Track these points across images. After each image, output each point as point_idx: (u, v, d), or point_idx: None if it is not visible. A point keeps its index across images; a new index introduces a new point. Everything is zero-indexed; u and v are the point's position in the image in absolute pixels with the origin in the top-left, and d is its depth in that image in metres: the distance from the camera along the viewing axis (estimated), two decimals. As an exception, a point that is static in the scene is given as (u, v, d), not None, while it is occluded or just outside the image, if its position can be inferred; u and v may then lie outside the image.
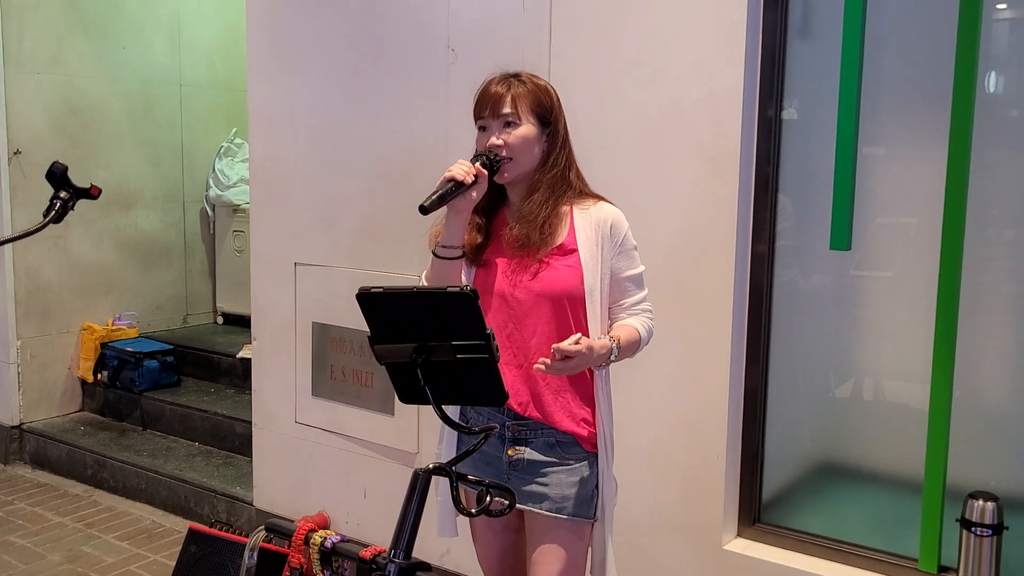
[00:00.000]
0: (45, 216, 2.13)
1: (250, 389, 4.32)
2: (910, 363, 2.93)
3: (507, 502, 1.82)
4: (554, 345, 1.96)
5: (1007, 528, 2.56)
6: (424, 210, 2.02)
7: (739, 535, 3.10)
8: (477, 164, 2.09)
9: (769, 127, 2.97)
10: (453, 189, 2.05)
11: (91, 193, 2.18)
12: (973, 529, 2.55)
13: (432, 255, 2.19)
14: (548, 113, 2.19)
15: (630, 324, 2.19)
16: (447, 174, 2.06)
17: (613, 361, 2.11)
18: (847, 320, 3.07)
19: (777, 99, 2.97)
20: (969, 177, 2.65)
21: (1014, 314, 2.82)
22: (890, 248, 2.97)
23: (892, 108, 2.93)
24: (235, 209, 6.02)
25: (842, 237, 2.79)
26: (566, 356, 1.96)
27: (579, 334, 2.01)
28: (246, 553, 2.10)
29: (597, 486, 2.22)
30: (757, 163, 2.97)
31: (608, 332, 2.16)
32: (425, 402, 1.78)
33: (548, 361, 1.98)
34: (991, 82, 2.77)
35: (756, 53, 2.90)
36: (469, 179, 2.06)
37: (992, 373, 2.88)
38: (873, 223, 2.94)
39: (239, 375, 5.37)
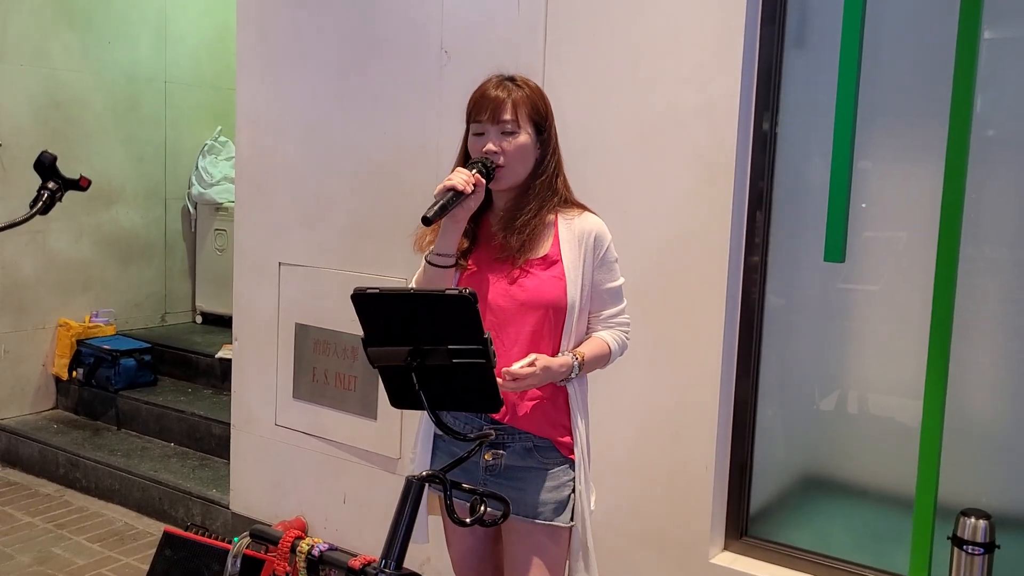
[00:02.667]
0: (32, 207, 2.08)
1: (228, 390, 4.25)
2: (901, 377, 2.91)
3: (500, 512, 1.79)
4: (504, 368, 2.00)
5: (998, 547, 2.54)
6: (427, 221, 2.02)
7: (726, 548, 3.07)
8: (475, 172, 2.08)
9: (764, 137, 2.95)
10: (454, 199, 2.04)
11: (80, 184, 2.13)
12: (965, 547, 2.53)
13: (425, 262, 2.16)
14: (543, 120, 2.19)
15: (601, 338, 2.22)
16: (447, 183, 2.04)
17: (575, 376, 2.15)
18: (838, 333, 3.04)
19: (773, 109, 2.95)
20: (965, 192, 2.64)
21: (1003, 330, 2.81)
22: (881, 261, 2.96)
23: (885, 122, 2.92)
24: (217, 207, 5.97)
25: (836, 249, 2.77)
26: (515, 378, 2.00)
27: (534, 355, 2.05)
28: (229, 560, 2.04)
29: (574, 491, 2.21)
30: (752, 173, 2.95)
31: (572, 348, 2.16)
32: (418, 407, 1.74)
33: (500, 380, 1.97)
34: (976, 101, 2.77)
35: (753, 63, 2.89)
36: (469, 188, 2.05)
37: (983, 389, 2.87)
38: (862, 236, 2.93)
39: (217, 375, 5.30)
